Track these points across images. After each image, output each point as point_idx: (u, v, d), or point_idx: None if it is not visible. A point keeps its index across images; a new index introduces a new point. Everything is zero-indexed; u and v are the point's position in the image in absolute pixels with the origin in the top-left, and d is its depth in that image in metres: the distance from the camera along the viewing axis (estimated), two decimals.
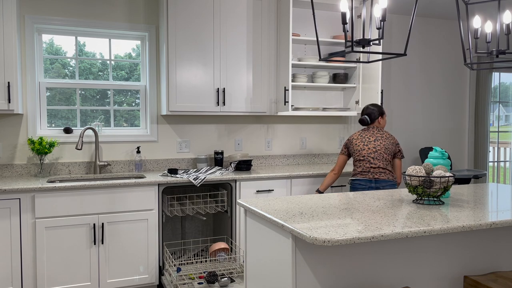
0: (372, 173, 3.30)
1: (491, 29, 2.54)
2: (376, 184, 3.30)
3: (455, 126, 5.28)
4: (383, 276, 2.00)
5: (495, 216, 2.01)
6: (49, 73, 3.72)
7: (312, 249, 1.86)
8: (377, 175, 3.30)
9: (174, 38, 3.63)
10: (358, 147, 3.41)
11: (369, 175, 3.31)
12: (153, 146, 3.94)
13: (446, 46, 5.16)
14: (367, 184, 3.31)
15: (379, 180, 3.30)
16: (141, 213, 3.28)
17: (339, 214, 2.05)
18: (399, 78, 4.94)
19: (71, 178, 3.58)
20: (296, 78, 4.13)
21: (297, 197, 2.51)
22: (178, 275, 3.36)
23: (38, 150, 3.43)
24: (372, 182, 3.30)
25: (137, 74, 3.99)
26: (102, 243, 3.18)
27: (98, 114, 3.88)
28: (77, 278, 3.14)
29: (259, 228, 2.18)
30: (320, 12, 4.32)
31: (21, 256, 3.01)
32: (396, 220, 1.92)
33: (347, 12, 2.07)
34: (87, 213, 3.14)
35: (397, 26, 4.88)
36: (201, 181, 3.38)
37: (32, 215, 3.02)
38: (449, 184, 2.23)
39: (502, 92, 5.74)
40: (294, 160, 4.44)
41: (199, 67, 3.73)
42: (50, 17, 3.59)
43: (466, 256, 2.16)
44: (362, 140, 3.41)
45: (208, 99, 3.76)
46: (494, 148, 5.74)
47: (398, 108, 4.95)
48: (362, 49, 3.41)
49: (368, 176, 3.31)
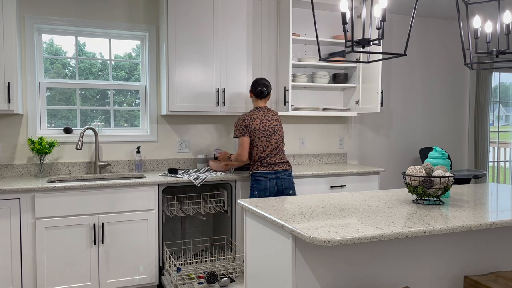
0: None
1: (491, 29, 2.54)
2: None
3: (455, 126, 5.28)
4: (383, 276, 2.00)
5: (495, 216, 2.01)
6: (49, 73, 3.72)
7: (312, 249, 1.86)
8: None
9: (174, 38, 3.63)
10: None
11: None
12: (153, 146, 3.94)
13: (446, 46, 5.16)
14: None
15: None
16: (141, 213, 3.28)
17: (339, 214, 2.05)
18: (399, 78, 4.94)
19: (71, 178, 3.58)
20: (296, 78, 4.13)
21: (297, 197, 2.51)
22: (178, 275, 3.36)
23: (38, 150, 3.43)
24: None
25: (137, 74, 3.98)
26: (102, 243, 3.18)
27: (98, 114, 3.88)
28: (77, 278, 3.14)
29: (259, 228, 2.18)
30: (320, 12, 4.32)
31: (21, 256, 3.01)
32: (396, 220, 1.92)
33: (347, 12, 2.07)
34: (87, 213, 3.14)
35: (397, 26, 4.88)
36: (202, 181, 3.38)
37: (32, 215, 3.02)
38: (449, 184, 2.23)
39: (502, 92, 5.74)
40: (294, 160, 4.43)
41: (199, 67, 3.73)
42: (50, 17, 3.59)
43: (466, 256, 2.16)
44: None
45: (208, 99, 3.76)
46: (494, 148, 5.74)
47: (398, 108, 4.95)
48: (362, 49, 3.41)
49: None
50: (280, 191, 3.34)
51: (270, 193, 3.31)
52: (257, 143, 3.34)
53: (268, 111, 3.42)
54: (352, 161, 4.73)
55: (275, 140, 3.34)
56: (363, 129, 4.78)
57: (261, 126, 3.33)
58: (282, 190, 3.34)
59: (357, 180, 3.92)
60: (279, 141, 3.35)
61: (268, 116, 3.39)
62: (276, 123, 3.37)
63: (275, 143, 3.34)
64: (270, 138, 3.33)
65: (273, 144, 3.33)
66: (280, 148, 3.35)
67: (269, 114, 3.41)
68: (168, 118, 3.98)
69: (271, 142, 3.33)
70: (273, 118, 3.39)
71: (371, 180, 3.97)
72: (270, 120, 3.37)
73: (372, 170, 3.95)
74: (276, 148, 3.34)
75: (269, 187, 3.30)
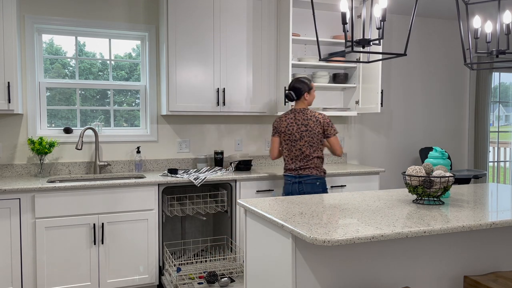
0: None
1: (491, 29, 2.54)
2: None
3: (455, 126, 5.28)
4: (383, 276, 2.00)
5: (495, 216, 2.01)
6: (49, 73, 3.72)
7: (312, 249, 1.86)
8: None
9: (174, 38, 3.63)
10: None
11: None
12: (153, 146, 3.94)
13: (446, 46, 5.16)
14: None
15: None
16: (141, 213, 3.28)
17: (339, 214, 2.05)
18: (399, 78, 4.94)
19: (71, 178, 3.58)
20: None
21: (297, 197, 2.51)
22: (178, 275, 3.36)
23: (38, 150, 3.43)
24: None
25: (137, 74, 3.98)
26: (102, 243, 3.18)
27: (98, 114, 3.88)
28: (77, 278, 3.14)
29: (259, 228, 2.18)
30: (320, 12, 4.32)
31: (21, 256, 3.01)
32: (396, 220, 1.92)
33: (347, 12, 2.07)
34: (87, 213, 3.14)
35: (397, 26, 4.88)
36: (202, 181, 3.38)
37: (32, 215, 3.02)
38: (449, 184, 2.23)
39: (502, 92, 5.74)
40: None
41: (199, 67, 3.73)
42: (50, 17, 3.59)
43: (466, 256, 2.16)
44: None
45: (208, 99, 3.76)
46: (494, 148, 5.74)
47: (398, 108, 4.95)
48: (362, 49, 3.41)
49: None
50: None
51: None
52: (283, 146, 3.30)
53: (300, 115, 3.22)
54: (352, 161, 4.73)
55: (299, 146, 3.20)
56: (363, 129, 4.78)
57: (287, 129, 3.23)
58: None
59: (357, 180, 3.92)
60: (304, 147, 3.19)
61: (299, 120, 3.21)
62: (305, 128, 3.18)
63: (299, 149, 3.20)
64: (295, 143, 3.21)
65: (297, 149, 3.21)
66: (305, 154, 3.19)
67: (301, 118, 3.21)
68: (168, 118, 3.98)
69: (296, 147, 3.21)
70: (303, 122, 3.19)
71: (371, 180, 3.97)
72: (300, 124, 3.20)
73: (372, 170, 3.95)
74: (301, 154, 3.20)
75: (292, 191, 3.23)
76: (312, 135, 3.19)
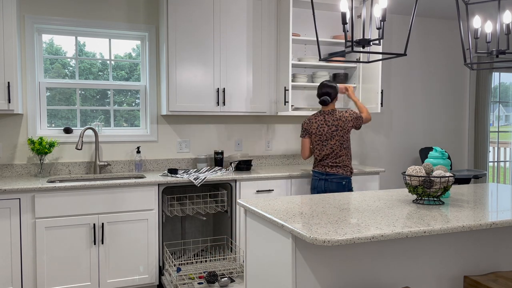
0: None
1: (491, 29, 2.54)
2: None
3: (455, 126, 5.28)
4: (383, 276, 2.00)
5: (495, 216, 2.01)
6: (49, 73, 3.72)
7: (312, 249, 1.86)
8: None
9: (174, 38, 3.63)
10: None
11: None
12: (153, 146, 3.94)
13: (446, 46, 5.16)
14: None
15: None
16: (141, 213, 3.28)
17: (339, 214, 2.05)
18: (399, 78, 4.94)
19: (71, 178, 3.58)
20: (296, 78, 4.13)
21: (297, 197, 2.51)
22: (178, 275, 3.36)
23: (38, 150, 3.43)
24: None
25: (137, 74, 3.99)
26: (102, 243, 3.18)
27: (98, 114, 3.88)
28: (77, 278, 3.14)
29: (259, 228, 2.18)
30: (320, 12, 4.32)
31: (21, 256, 3.01)
32: (396, 220, 1.92)
33: (347, 12, 2.07)
34: (87, 213, 3.14)
35: (397, 26, 4.88)
36: (202, 181, 3.38)
37: (32, 215, 3.02)
38: (449, 184, 2.23)
39: (502, 92, 5.74)
40: (294, 160, 4.44)
41: (199, 67, 3.73)
42: (50, 17, 3.59)
43: (466, 256, 2.16)
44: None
45: (208, 99, 3.76)
46: (494, 148, 5.74)
47: (398, 108, 4.95)
48: (362, 49, 3.41)
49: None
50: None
51: (317, 193, 3.43)
52: (314, 146, 3.49)
53: (330, 116, 3.42)
54: (352, 161, 4.73)
55: (330, 145, 3.38)
56: (363, 129, 4.78)
57: (318, 131, 3.42)
58: (329, 192, 3.28)
59: (357, 180, 3.92)
60: (335, 146, 3.37)
61: (329, 121, 3.40)
62: (335, 128, 3.37)
63: (330, 148, 3.38)
64: (326, 142, 3.39)
65: (328, 149, 3.39)
66: (335, 152, 3.38)
67: (330, 119, 3.40)
68: (168, 118, 3.98)
69: (327, 147, 3.39)
70: (333, 123, 3.38)
71: (371, 180, 3.97)
72: (330, 125, 3.39)
73: (372, 170, 3.95)
74: (331, 152, 3.38)
75: (317, 187, 3.44)
76: (343, 134, 3.39)
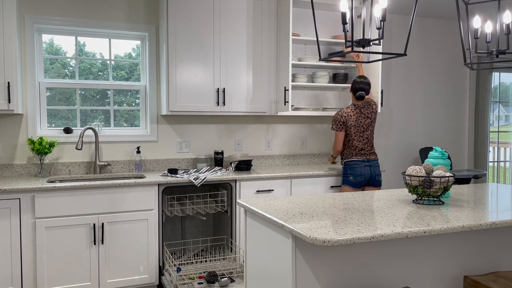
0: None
1: (491, 29, 2.54)
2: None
3: (455, 126, 5.28)
4: (383, 276, 2.00)
5: (495, 216, 2.01)
6: (49, 73, 3.72)
7: (312, 249, 1.86)
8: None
9: (174, 38, 3.63)
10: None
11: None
12: (153, 146, 3.94)
13: (446, 46, 5.16)
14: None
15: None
16: (141, 213, 3.28)
17: (339, 214, 2.05)
18: (399, 78, 4.94)
19: (71, 178, 3.58)
20: (296, 78, 4.13)
21: (297, 197, 2.51)
22: (178, 275, 3.36)
23: (38, 150, 3.43)
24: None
25: (137, 74, 3.99)
26: (102, 243, 3.18)
27: (98, 114, 3.88)
28: (77, 278, 3.14)
29: (259, 228, 2.18)
30: (320, 12, 4.32)
31: (21, 256, 3.01)
32: (396, 220, 1.92)
33: (347, 12, 2.07)
34: (87, 213, 3.14)
35: (397, 26, 4.88)
36: (202, 181, 3.38)
37: (32, 215, 3.02)
38: (449, 184, 2.23)
39: (502, 92, 5.74)
40: (294, 160, 4.44)
41: (199, 67, 3.73)
42: (50, 17, 3.59)
43: (466, 256, 2.16)
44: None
45: (208, 99, 3.76)
46: (494, 148, 5.74)
47: (398, 108, 4.95)
48: (362, 49, 3.41)
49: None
50: (373, 177, 3.72)
51: (365, 178, 3.69)
52: (352, 137, 3.73)
53: (364, 109, 3.76)
54: None
55: (366, 135, 3.75)
56: None
57: (357, 123, 3.72)
58: (375, 176, 3.73)
59: None
60: (369, 136, 3.77)
61: (364, 114, 3.74)
62: (369, 121, 3.76)
63: (367, 138, 3.75)
64: (363, 133, 3.73)
65: (365, 139, 3.74)
66: (370, 141, 3.78)
67: (365, 112, 3.75)
68: (168, 118, 3.98)
69: (364, 137, 3.74)
70: (367, 116, 3.75)
71: None
72: (365, 118, 3.74)
73: None
74: (368, 142, 3.76)
75: (364, 173, 3.69)
76: (374, 124, 3.83)
